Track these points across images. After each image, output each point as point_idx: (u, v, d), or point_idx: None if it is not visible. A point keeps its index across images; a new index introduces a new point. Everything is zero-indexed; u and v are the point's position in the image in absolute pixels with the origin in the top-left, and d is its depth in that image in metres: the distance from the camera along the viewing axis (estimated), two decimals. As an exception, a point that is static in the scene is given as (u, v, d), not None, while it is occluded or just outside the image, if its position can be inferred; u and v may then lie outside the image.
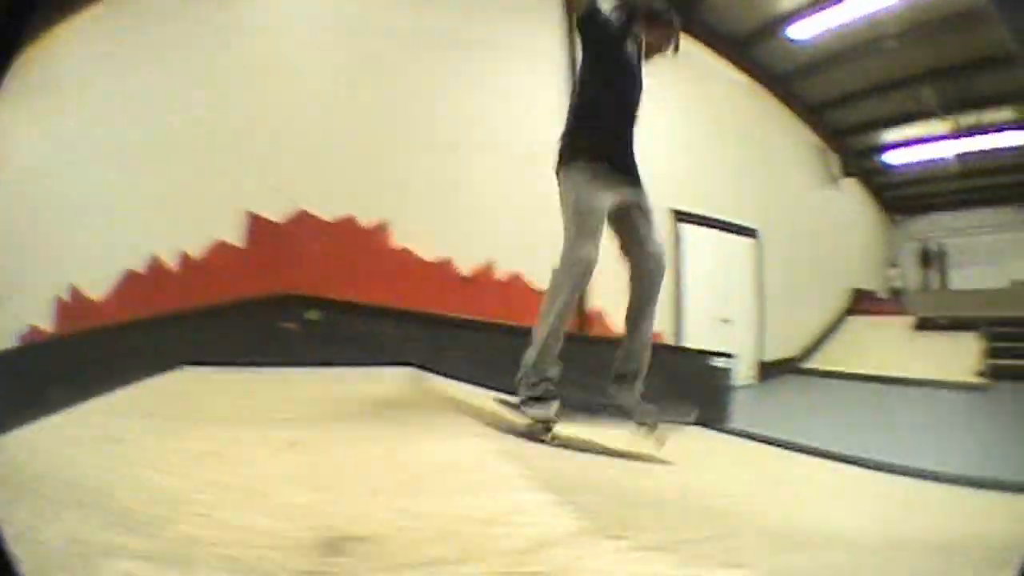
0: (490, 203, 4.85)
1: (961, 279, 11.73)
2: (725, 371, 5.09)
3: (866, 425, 6.15)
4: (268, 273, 4.19)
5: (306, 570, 1.20)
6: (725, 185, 7.15)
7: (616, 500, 2.07)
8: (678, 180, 6.30)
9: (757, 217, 7.47)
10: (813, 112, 9.34)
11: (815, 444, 3.89)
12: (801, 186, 9.15)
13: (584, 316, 5.08)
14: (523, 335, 4.12)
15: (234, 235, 4.32)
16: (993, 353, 8.17)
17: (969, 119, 9.20)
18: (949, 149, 9.90)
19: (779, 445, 3.94)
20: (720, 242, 7.03)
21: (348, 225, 4.46)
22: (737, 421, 4.88)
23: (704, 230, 6.70)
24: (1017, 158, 9.94)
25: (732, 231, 7.21)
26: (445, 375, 3.74)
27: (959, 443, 5.07)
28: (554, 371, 2.71)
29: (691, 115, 6.87)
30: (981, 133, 9.43)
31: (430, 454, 2.19)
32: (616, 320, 5.13)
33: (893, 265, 12.11)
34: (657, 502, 2.17)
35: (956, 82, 8.49)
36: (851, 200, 10.77)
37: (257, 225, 4.34)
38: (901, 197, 12.15)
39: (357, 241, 4.40)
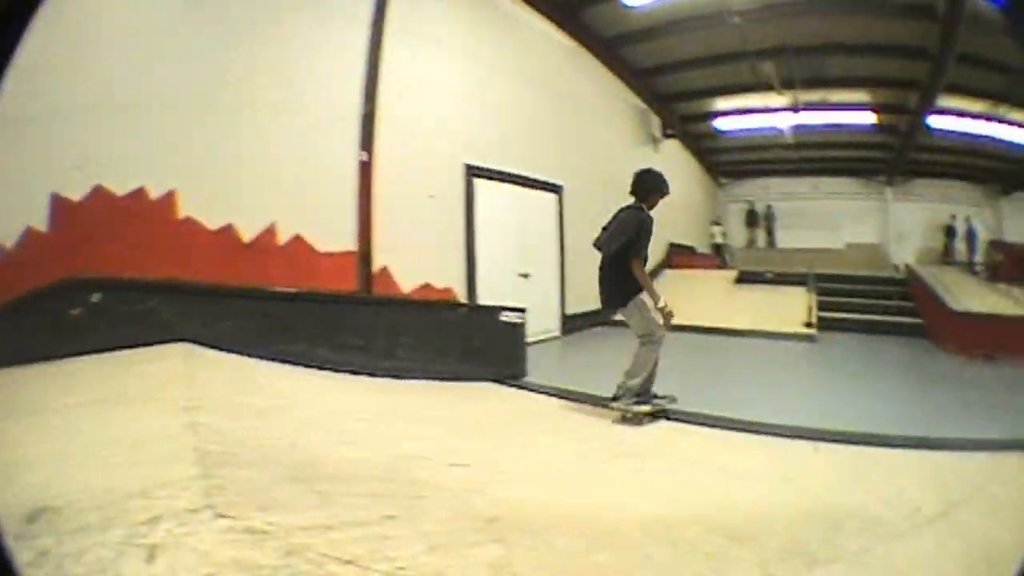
0: (272, 166, 4.90)
1: (789, 239, 13.33)
2: (519, 326, 5.35)
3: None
4: (70, 256, 4.16)
5: (15, 533, 1.64)
6: (530, 142, 7.31)
7: (275, 477, 2.45)
8: (475, 136, 6.52)
9: (565, 174, 7.72)
10: (638, 76, 9.63)
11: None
12: (615, 145, 9.45)
13: (369, 276, 5.44)
14: (296, 300, 4.64)
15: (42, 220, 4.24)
16: (821, 307, 9.02)
17: (811, 96, 9.98)
18: (784, 121, 10.75)
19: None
20: (522, 198, 7.09)
21: (138, 198, 4.39)
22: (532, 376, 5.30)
23: (505, 186, 6.74)
24: (854, 135, 11.41)
25: (536, 187, 7.30)
26: (218, 348, 4.10)
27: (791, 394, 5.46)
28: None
29: (504, 74, 6.97)
30: (820, 109, 10.32)
31: (135, 431, 2.65)
32: (402, 277, 5.60)
33: (716, 223, 13.37)
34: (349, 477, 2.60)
35: (801, 62, 9.07)
36: (670, 161, 11.51)
37: (58, 207, 4.23)
38: (729, 161, 13.37)
39: (144, 215, 4.36)
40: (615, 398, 4.12)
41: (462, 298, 6.16)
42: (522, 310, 5.39)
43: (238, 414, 3.10)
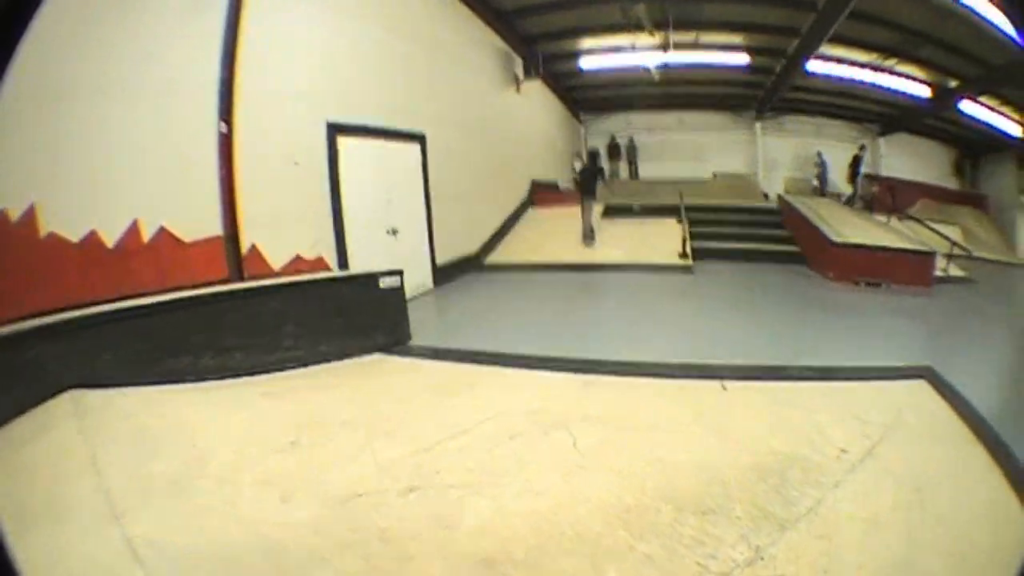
0: (131, 154, 4.07)
1: (653, 170, 13.76)
2: (397, 290, 5.13)
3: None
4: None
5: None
6: (391, 92, 6.82)
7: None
8: (338, 91, 6.01)
9: (428, 122, 7.34)
10: (502, 19, 9.38)
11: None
12: (478, 90, 9.23)
13: (239, 259, 4.80)
14: (171, 310, 4.00)
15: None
16: (694, 237, 9.31)
17: (684, 37, 10.13)
18: (652, 59, 10.90)
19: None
20: (386, 151, 6.64)
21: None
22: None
23: (368, 141, 6.28)
24: (724, 73, 11.73)
25: (399, 139, 6.86)
26: (104, 386, 3.48)
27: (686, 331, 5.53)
28: None
29: (365, 21, 6.38)
30: (692, 49, 10.51)
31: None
32: (272, 255, 5.03)
33: (578, 157, 13.28)
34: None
35: (676, 5, 9.24)
36: (533, 101, 11.37)
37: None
38: (591, 98, 13.51)
39: (7, 242, 3.43)
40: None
41: (333, 265, 5.75)
42: (399, 272, 5.19)
43: (156, 493, 2.57)
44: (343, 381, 4.20)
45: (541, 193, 11.48)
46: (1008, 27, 7.11)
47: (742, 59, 10.86)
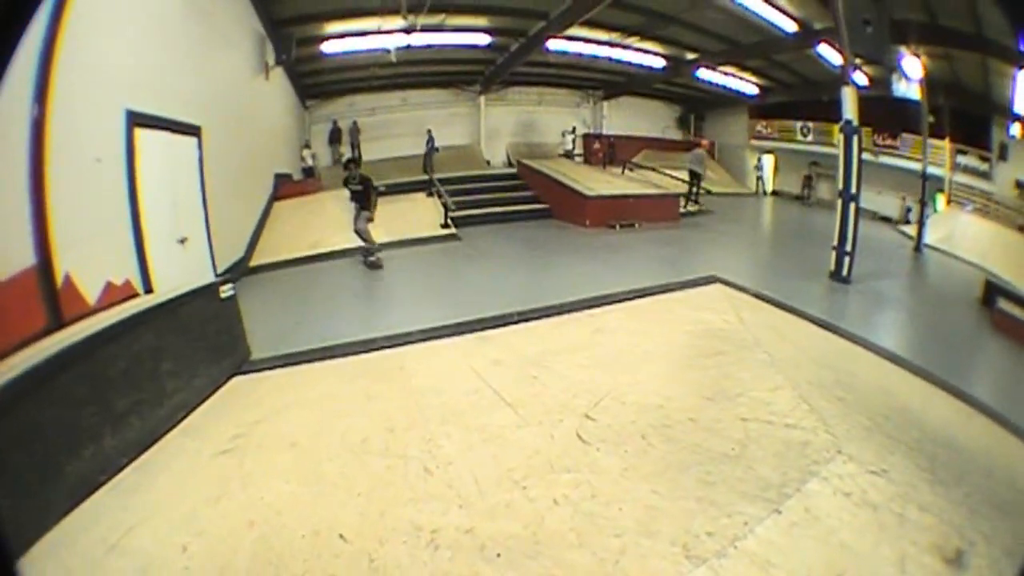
0: None
1: (377, 151, 13.40)
2: (232, 300, 4.59)
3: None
4: None
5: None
6: (173, 78, 5.74)
7: None
8: (134, 78, 4.87)
9: (201, 113, 6.30)
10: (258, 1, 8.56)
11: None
12: (242, 76, 8.40)
13: (55, 298, 3.55)
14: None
15: None
16: (453, 207, 9.50)
17: (433, 19, 10.16)
18: (396, 42, 10.78)
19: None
20: (169, 146, 5.54)
21: None
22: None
23: (156, 133, 5.14)
24: (461, 52, 12.00)
25: (179, 131, 5.77)
26: None
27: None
28: None
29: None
30: (438, 31, 10.58)
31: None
32: (88, 284, 3.95)
33: (306, 146, 12.84)
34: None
35: None
36: (277, 88, 10.64)
37: None
38: (314, 84, 12.83)
39: None
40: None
41: (139, 287, 4.69)
42: (233, 280, 4.88)
43: None
44: (269, 425, 3.60)
45: (285, 186, 10.77)
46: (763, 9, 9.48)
47: (483, 40, 11.62)
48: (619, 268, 7.08)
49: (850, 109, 7.15)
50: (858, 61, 8.68)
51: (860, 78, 10.05)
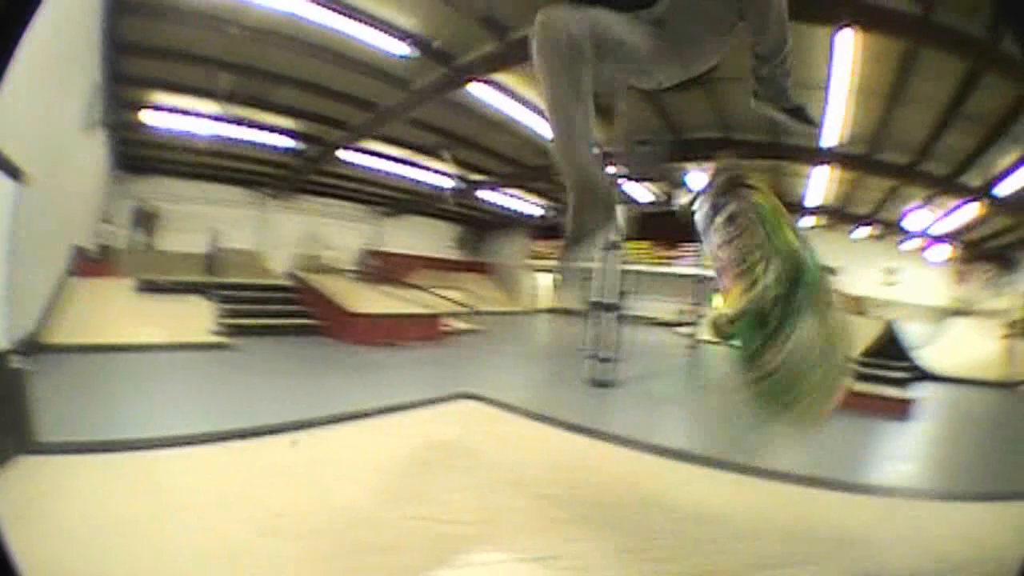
0: None
1: (171, 242, 13.07)
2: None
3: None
4: None
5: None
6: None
7: None
8: None
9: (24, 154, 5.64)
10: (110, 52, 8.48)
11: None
12: (71, 127, 7.99)
13: None
14: None
15: None
16: (227, 313, 9.42)
17: (247, 112, 10.65)
18: (209, 128, 11.04)
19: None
20: None
21: None
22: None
23: None
24: (265, 152, 12.36)
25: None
26: None
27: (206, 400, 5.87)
28: None
29: None
30: (248, 126, 11.10)
31: None
32: None
33: (106, 221, 12.05)
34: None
35: (252, 82, 9.65)
36: (98, 149, 10.22)
37: None
38: (138, 156, 12.45)
39: None
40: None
41: None
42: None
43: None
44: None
45: (81, 261, 9.99)
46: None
47: (287, 142, 12.23)
48: (371, 386, 7.28)
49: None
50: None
51: (643, 194, 12.08)
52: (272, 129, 11.69)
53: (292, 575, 2.93)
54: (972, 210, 11.12)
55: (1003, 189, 10.16)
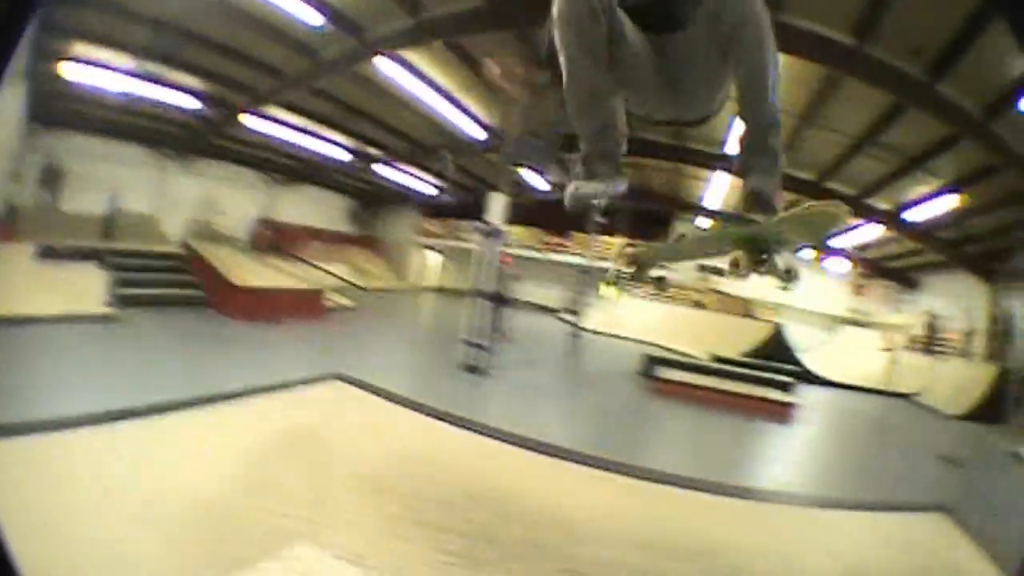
0: None
1: (79, 203, 12.26)
2: None
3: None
4: None
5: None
6: None
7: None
8: None
9: None
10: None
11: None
12: None
13: None
14: None
15: None
16: (120, 283, 8.97)
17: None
18: (119, 83, 10.62)
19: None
20: None
21: None
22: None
23: None
24: (171, 112, 12.02)
25: None
26: None
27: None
28: None
29: None
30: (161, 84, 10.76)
31: None
32: None
33: (15, 179, 11.12)
34: None
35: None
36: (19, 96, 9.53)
37: None
38: (52, 109, 11.67)
39: None
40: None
41: None
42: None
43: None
44: None
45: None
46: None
47: (194, 103, 11.80)
48: (246, 366, 6.98)
49: (493, 212, 8.38)
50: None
51: (541, 183, 12.36)
52: (181, 88, 11.33)
53: (142, 567, 2.86)
54: (876, 230, 11.73)
55: (913, 215, 10.79)
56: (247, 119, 12.43)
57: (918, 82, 7.16)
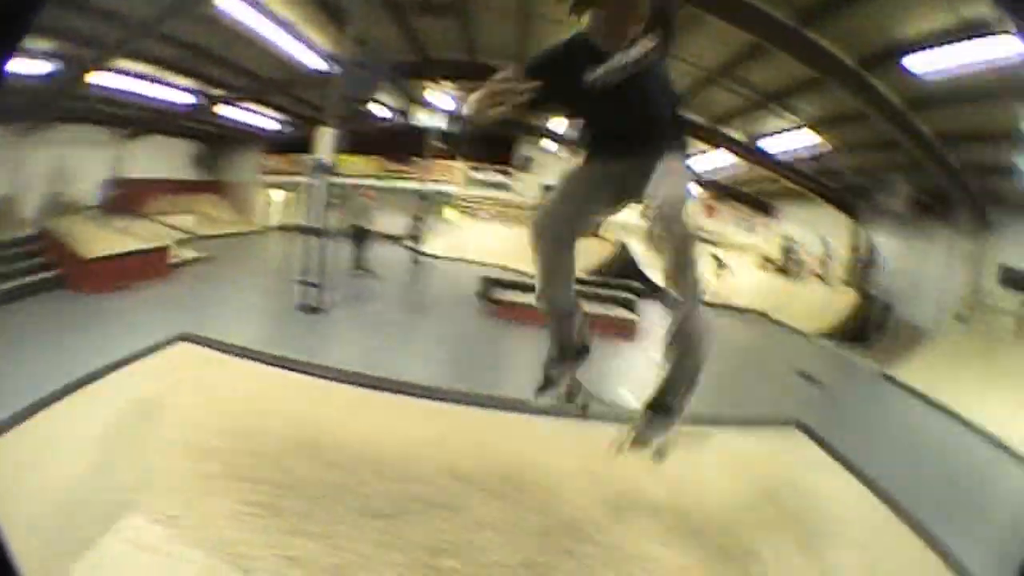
0: None
1: None
2: None
3: None
4: None
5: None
6: None
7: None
8: None
9: None
10: None
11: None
12: None
13: None
14: None
15: None
16: None
17: None
18: None
19: None
20: None
21: None
22: None
23: None
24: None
25: None
26: None
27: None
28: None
29: None
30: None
31: None
32: None
33: None
34: None
35: None
36: None
37: None
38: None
39: None
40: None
41: None
42: None
43: None
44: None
45: None
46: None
47: (41, 67, 11.00)
48: (91, 345, 6.49)
49: (323, 148, 8.39)
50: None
51: (381, 110, 12.30)
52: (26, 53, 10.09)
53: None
54: (728, 157, 12.36)
55: (768, 145, 11.49)
56: (92, 76, 11.59)
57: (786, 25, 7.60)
